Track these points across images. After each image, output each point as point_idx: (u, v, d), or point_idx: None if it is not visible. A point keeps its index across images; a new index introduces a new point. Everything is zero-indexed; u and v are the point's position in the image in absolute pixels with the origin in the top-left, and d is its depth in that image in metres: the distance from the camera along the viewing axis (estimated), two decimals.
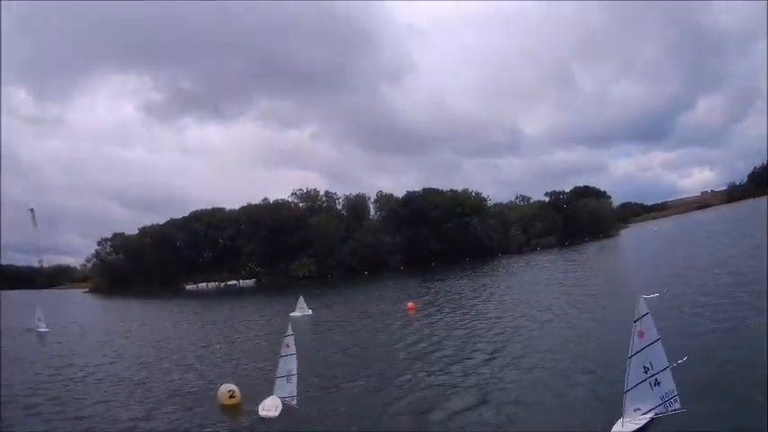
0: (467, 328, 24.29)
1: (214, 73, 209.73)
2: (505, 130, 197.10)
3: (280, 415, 13.82)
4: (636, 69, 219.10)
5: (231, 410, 14.75)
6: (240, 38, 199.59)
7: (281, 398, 14.45)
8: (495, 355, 18.21)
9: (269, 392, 14.68)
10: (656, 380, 10.13)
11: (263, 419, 13.77)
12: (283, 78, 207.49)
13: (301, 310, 37.48)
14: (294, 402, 14.18)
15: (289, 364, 14.56)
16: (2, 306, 65.87)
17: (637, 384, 10.15)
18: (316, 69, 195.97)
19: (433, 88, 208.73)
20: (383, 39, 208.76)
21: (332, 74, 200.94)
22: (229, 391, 15.14)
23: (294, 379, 14.44)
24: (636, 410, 10.22)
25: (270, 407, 14.29)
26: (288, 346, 14.60)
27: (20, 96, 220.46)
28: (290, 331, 14.77)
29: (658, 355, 10.15)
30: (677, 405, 10.05)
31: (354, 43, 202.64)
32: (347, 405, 14.38)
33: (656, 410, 10.13)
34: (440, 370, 16.94)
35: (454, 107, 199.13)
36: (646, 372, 10.13)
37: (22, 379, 20.45)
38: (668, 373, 10.17)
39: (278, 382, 14.72)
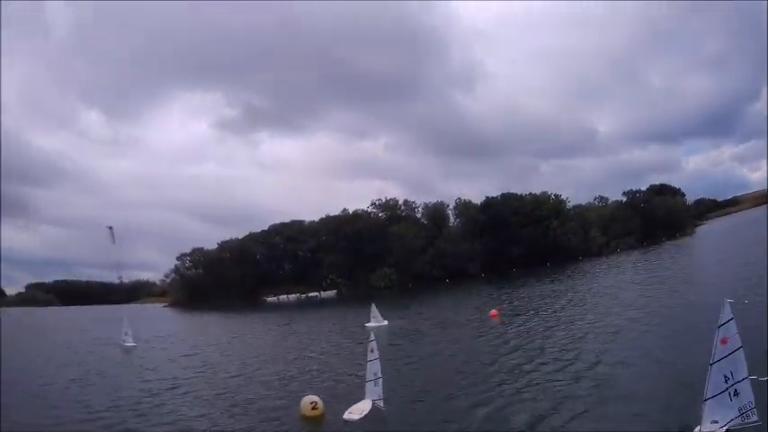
0: (551, 335, 24.58)
1: (285, 87, 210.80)
2: (579, 131, 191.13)
3: (364, 419, 14.50)
4: (702, 61, 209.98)
5: (313, 421, 15.06)
6: (310, 51, 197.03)
7: (372, 400, 15.28)
8: (575, 360, 18.43)
9: (350, 403, 15.42)
10: (735, 390, 9.76)
11: (346, 422, 14.54)
12: (354, 90, 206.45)
13: (375, 319, 37.44)
14: (382, 404, 15.02)
15: (374, 368, 15.44)
16: (82, 321, 69.83)
17: (717, 394, 9.83)
18: (387, 79, 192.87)
19: (504, 91, 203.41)
20: (452, 44, 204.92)
21: (403, 82, 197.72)
22: (311, 403, 15.40)
23: (380, 382, 15.30)
24: (713, 422, 10.01)
25: (356, 410, 15.03)
26: (372, 351, 15.53)
27: (91, 118, 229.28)
28: (372, 337, 15.85)
29: (739, 364, 9.70)
30: (755, 417, 9.78)
31: (424, 50, 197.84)
32: (432, 412, 14.71)
33: (734, 422, 9.82)
34: (523, 377, 17.17)
35: (527, 109, 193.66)
36: (726, 381, 9.77)
37: (107, 393, 20.91)
38: (747, 384, 9.76)
39: (367, 385, 15.65)
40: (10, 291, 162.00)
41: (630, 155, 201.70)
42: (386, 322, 37.07)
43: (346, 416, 14.83)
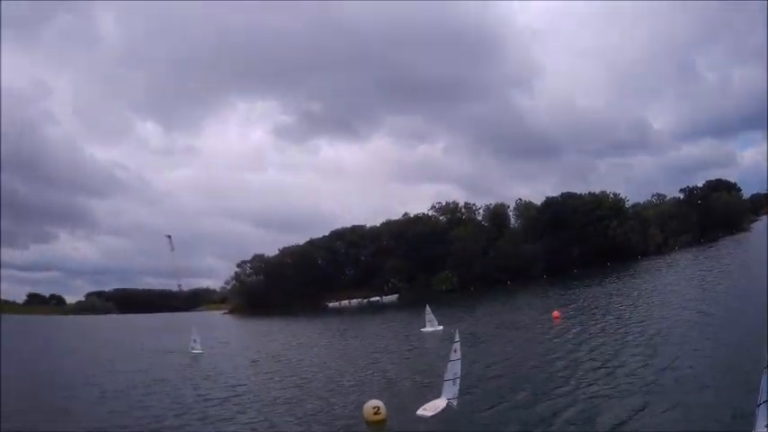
0: (612, 335, 24.89)
1: (342, 92, 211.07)
2: (634, 128, 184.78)
3: (436, 418, 14.62)
4: (753, 51, 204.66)
5: (376, 426, 15.11)
6: (365, 55, 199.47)
7: (448, 399, 15.39)
8: (629, 361, 18.63)
9: (412, 406, 15.52)
10: None
11: (419, 419, 14.76)
12: (411, 93, 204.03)
13: (431, 324, 37.33)
14: (455, 404, 15.15)
15: (455, 368, 15.52)
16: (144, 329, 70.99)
17: None
18: (444, 81, 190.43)
19: (560, 90, 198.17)
20: (507, 44, 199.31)
21: (460, 84, 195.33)
22: (374, 408, 15.43)
23: (458, 382, 15.51)
24: (766, 427, 9.53)
25: (430, 407, 15.22)
26: (455, 351, 15.52)
27: (147, 128, 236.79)
28: (457, 337, 15.62)
29: None
30: None
31: (479, 51, 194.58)
32: (508, 412, 15.01)
33: None
34: (587, 377, 17.39)
35: (582, 108, 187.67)
36: None
37: (177, 399, 21.06)
38: None
39: (445, 384, 15.70)
40: (70, 299, 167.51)
41: (684, 150, 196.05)
42: (441, 327, 36.80)
43: (420, 412, 15.12)
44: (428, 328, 36.76)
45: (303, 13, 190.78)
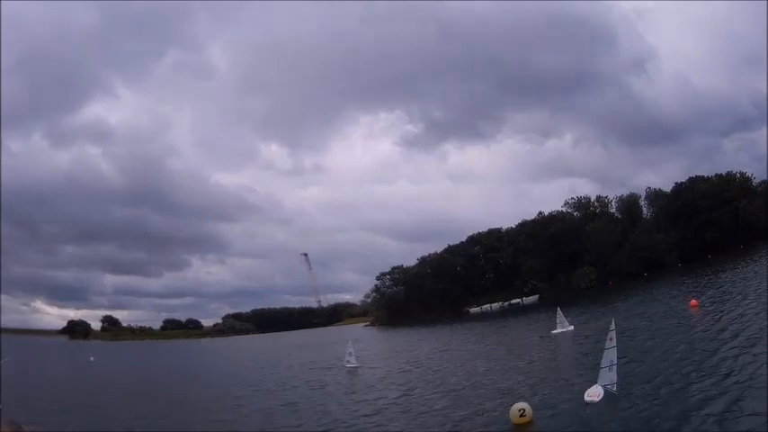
0: (753, 320, 24.26)
1: (463, 96, 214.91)
2: (753, 102, 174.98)
3: (602, 401, 16.04)
4: None
5: (523, 429, 15.48)
6: (480, 56, 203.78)
7: (603, 386, 16.81)
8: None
9: (557, 407, 16.64)
10: None
11: (588, 404, 16.15)
12: (531, 89, 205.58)
13: (561, 325, 38.15)
14: (615, 389, 16.42)
15: (610, 355, 16.98)
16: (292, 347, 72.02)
17: None
18: (560, 74, 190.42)
19: (675, 70, 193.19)
20: (617, 29, 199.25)
21: (576, 76, 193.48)
22: (520, 410, 15.80)
23: (615, 368, 16.82)
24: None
25: (593, 393, 16.70)
26: (611, 339, 17.06)
27: (272, 151, 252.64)
28: (612, 326, 17.28)
29: None
30: None
31: (591, 39, 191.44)
32: (666, 403, 15.15)
33: None
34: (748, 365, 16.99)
35: (698, 86, 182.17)
36: None
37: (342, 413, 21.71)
38: None
39: (601, 372, 17.19)
40: (206, 322, 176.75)
41: None
42: (572, 327, 37.92)
43: (587, 398, 16.66)
44: (558, 330, 37.97)
45: (416, 19, 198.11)
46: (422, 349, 46.34)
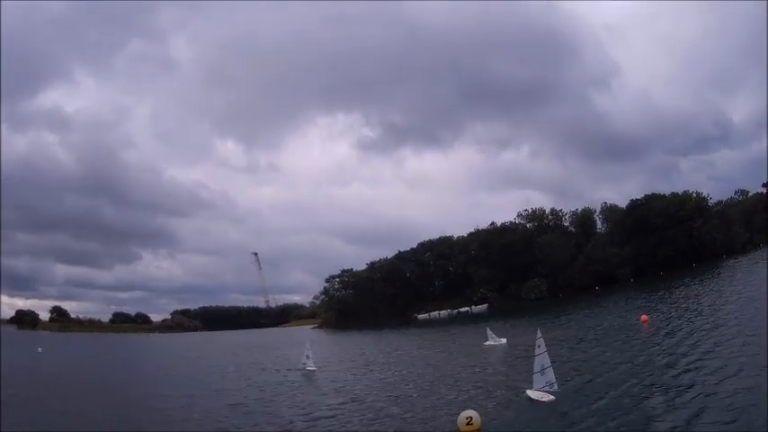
0: (704, 337, 24.63)
1: (423, 102, 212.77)
2: (714, 122, 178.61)
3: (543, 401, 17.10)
4: None
5: None
6: (442, 63, 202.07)
7: (537, 389, 17.94)
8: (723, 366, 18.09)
9: (505, 414, 16.88)
10: None
11: (530, 399, 17.69)
12: (492, 99, 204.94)
13: (493, 339, 37.94)
14: (555, 387, 17.56)
15: (541, 360, 18.04)
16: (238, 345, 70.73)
17: None
18: (523, 85, 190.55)
19: (638, 87, 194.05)
20: (584, 44, 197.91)
21: (540, 88, 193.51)
22: (467, 418, 15.57)
23: (549, 371, 17.84)
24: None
25: (537, 395, 17.74)
26: (539, 347, 18.23)
27: (228, 147, 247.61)
28: (539, 334, 18.43)
29: None
30: None
31: (557, 53, 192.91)
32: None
33: None
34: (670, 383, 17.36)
35: (661, 104, 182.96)
36: None
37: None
38: None
39: (534, 377, 18.25)
40: (155, 317, 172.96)
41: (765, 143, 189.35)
42: (504, 341, 37.71)
43: (530, 393, 18.16)
44: (491, 342, 37.68)
45: (380, 23, 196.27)
46: (372, 354, 44.73)
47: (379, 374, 30.78)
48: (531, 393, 18.22)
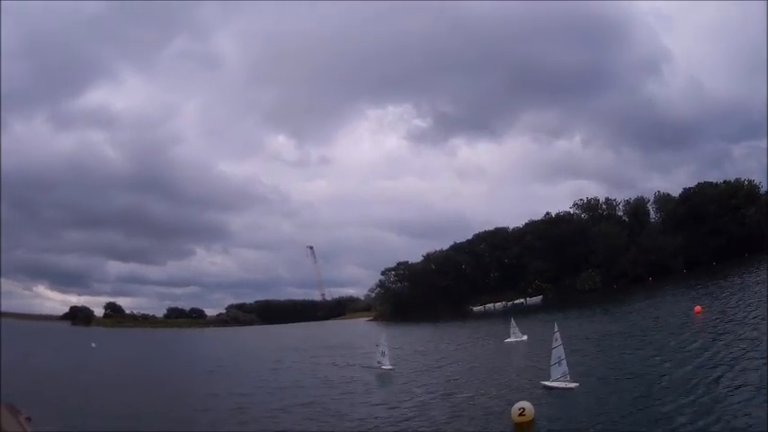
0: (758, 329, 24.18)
1: (474, 91, 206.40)
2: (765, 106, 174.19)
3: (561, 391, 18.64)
4: None
5: (523, 427, 15.50)
6: (493, 52, 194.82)
7: (555, 379, 19.51)
8: None
9: (558, 407, 17.20)
10: None
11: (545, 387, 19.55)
12: (543, 87, 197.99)
13: (515, 335, 37.85)
14: (568, 377, 19.33)
15: (558, 352, 19.70)
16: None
17: None
18: (574, 73, 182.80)
19: (689, 73, 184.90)
20: (634, 30, 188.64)
21: (591, 75, 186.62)
22: (520, 409, 15.76)
23: (563, 362, 19.61)
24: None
25: (558, 384, 19.47)
26: (556, 340, 19.88)
27: (279, 142, 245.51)
28: (556, 328, 20.12)
29: None
30: None
31: (607, 40, 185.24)
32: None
33: None
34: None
35: (712, 90, 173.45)
36: None
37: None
38: None
39: (552, 368, 19.78)
40: (210, 312, 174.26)
41: None
42: (525, 337, 37.53)
43: (546, 383, 19.75)
44: (512, 339, 37.71)
45: (428, 14, 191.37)
46: (440, 348, 43.19)
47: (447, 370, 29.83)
48: (549, 383, 19.63)
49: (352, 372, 32.41)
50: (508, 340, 37.81)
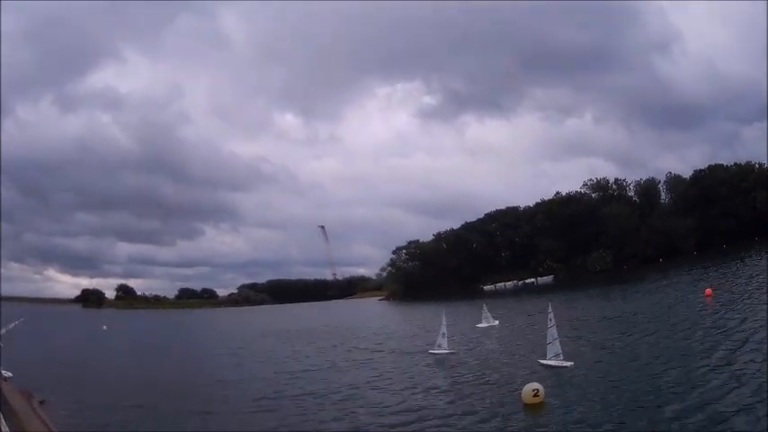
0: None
1: (485, 68, 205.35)
2: None
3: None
4: None
5: (535, 408, 15.25)
6: (504, 29, 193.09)
7: (554, 355, 20.09)
8: None
9: (570, 387, 17.09)
10: None
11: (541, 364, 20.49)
12: (554, 64, 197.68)
13: (486, 320, 37.29)
14: (561, 356, 19.94)
15: (552, 332, 20.33)
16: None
17: None
18: (585, 50, 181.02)
19: (700, 54, 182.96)
20: (646, 7, 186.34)
21: (601, 53, 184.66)
22: (533, 390, 15.61)
23: (557, 342, 20.20)
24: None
25: (553, 363, 20.04)
26: (550, 320, 20.37)
27: (287, 120, 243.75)
28: (550, 309, 20.34)
29: None
30: None
31: (618, 17, 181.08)
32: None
33: None
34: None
35: (724, 71, 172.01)
36: None
37: None
38: None
39: (548, 347, 20.39)
40: (222, 292, 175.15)
41: None
42: (497, 322, 37.17)
43: (543, 361, 20.55)
44: (483, 324, 37.00)
45: None
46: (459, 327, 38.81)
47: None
48: (546, 361, 20.36)
49: (411, 360, 27.65)
50: (480, 325, 36.98)
